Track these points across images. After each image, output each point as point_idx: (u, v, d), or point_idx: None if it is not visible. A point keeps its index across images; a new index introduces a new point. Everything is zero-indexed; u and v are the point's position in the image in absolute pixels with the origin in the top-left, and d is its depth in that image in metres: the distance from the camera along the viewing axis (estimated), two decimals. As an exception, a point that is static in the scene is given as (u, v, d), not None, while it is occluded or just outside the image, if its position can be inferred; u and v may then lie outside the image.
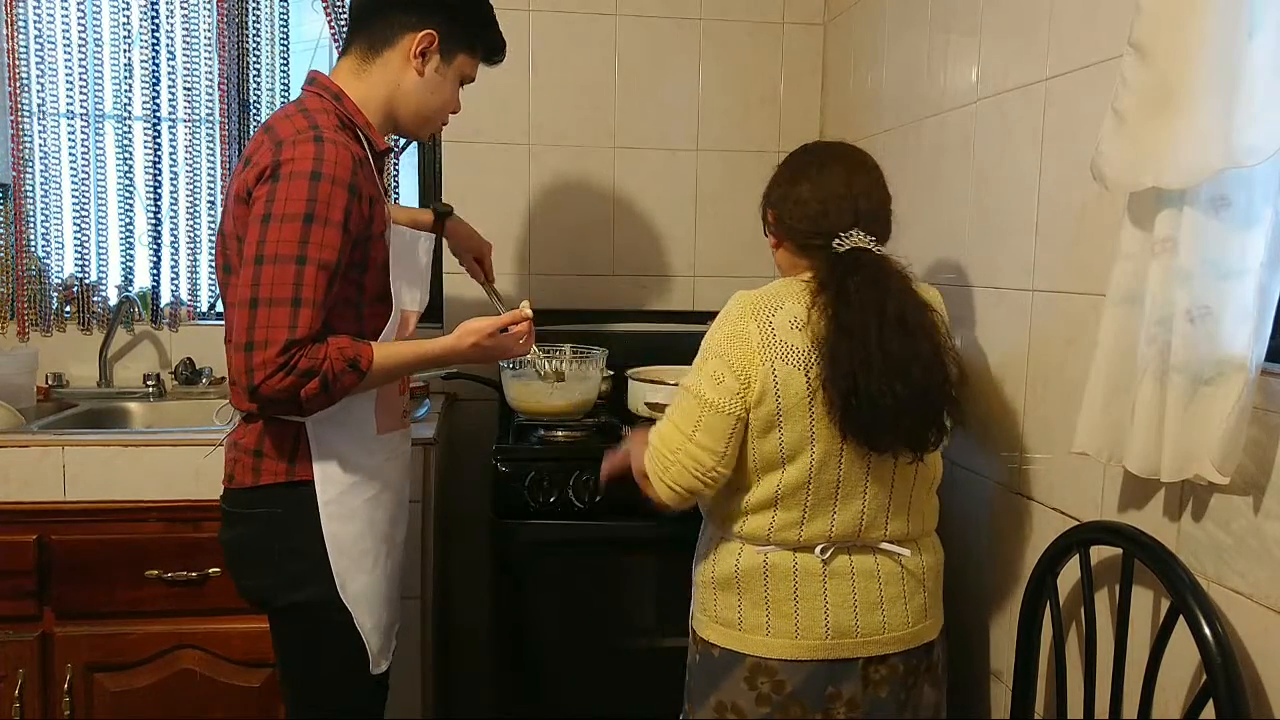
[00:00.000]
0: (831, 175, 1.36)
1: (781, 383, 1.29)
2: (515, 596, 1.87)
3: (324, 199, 1.29)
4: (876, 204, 1.37)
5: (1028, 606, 1.38)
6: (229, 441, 1.47)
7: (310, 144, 1.31)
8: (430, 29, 1.44)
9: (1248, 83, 0.96)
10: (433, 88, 1.48)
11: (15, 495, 1.77)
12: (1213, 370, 1.03)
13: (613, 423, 2.09)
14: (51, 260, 2.33)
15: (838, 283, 1.29)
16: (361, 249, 1.38)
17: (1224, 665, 1.02)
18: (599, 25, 2.41)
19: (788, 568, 1.35)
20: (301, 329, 1.27)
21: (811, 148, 1.45)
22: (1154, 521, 1.21)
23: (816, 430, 1.30)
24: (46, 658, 1.81)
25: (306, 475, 1.40)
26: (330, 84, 1.44)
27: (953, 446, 1.75)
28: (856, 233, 1.33)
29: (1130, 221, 1.14)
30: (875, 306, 1.26)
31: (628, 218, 2.48)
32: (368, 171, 1.39)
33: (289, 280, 1.27)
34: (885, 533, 1.37)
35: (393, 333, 1.45)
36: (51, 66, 2.27)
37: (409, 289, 1.50)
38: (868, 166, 1.40)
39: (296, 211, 1.28)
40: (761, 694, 1.35)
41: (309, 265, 1.28)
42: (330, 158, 1.31)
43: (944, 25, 1.81)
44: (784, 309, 1.32)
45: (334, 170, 1.30)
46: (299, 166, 1.29)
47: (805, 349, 1.29)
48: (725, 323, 1.34)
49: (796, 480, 1.32)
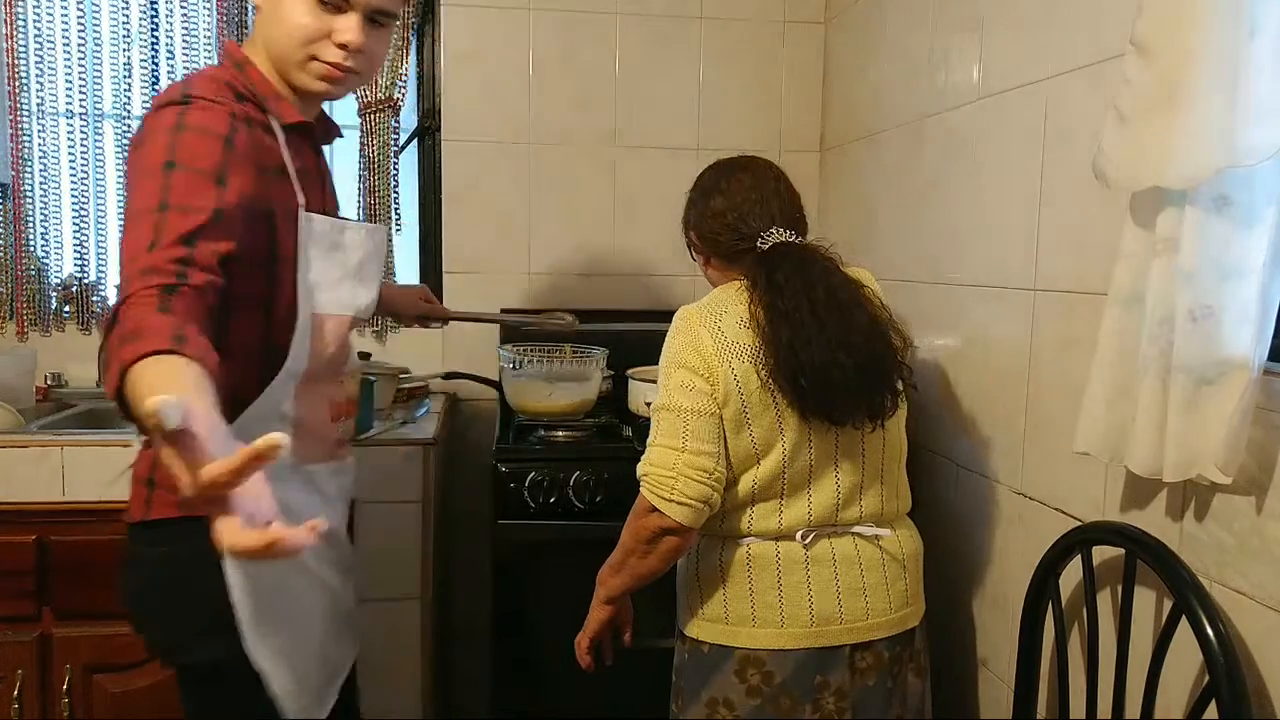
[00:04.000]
0: (739, 184, 1.43)
1: (741, 380, 1.32)
2: (515, 596, 1.87)
3: (186, 146, 1.10)
4: (788, 203, 1.43)
5: (1030, 607, 1.38)
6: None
7: (169, 106, 1.13)
8: None
9: (1250, 82, 0.96)
10: (269, 13, 1.24)
11: (14, 495, 1.77)
12: (1215, 370, 1.03)
13: (613, 423, 2.09)
14: (51, 260, 2.33)
15: (767, 276, 1.34)
16: (267, 233, 1.19)
17: (1226, 665, 1.02)
18: (599, 25, 2.41)
19: (770, 557, 1.36)
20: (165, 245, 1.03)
21: (716, 165, 1.51)
22: (1156, 522, 1.21)
23: (784, 421, 1.33)
24: (45, 658, 1.80)
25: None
26: (235, 51, 1.27)
27: (953, 447, 1.75)
28: (776, 230, 1.39)
29: (1132, 221, 1.13)
30: (805, 288, 1.31)
31: (628, 218, 2.47)
32: (263, 141, 1.21)
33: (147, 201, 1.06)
34: (861, 511, 1.39)
35: (305, 339, 1.24)
36: (51, 66, 2.27)
37: (333, 288, 1.28)
38: (773, 172, 1.46)
39: (152, 165, 1.08)
40: (751, 686, 1.35)
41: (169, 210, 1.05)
42: (195, 117, 1.12)
43: (945, 24, 1.80)
44: (729, 312, 1.36)
45: (200, 121, 1.12)
46: (156, 122, 1.12)
47: (754, 344, 1.32)
48: (677, 336, 1.37)
49: (771, 472, 1.34)
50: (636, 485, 1.35)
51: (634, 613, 1.50)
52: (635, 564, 1.37)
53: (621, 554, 1.38)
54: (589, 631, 1.46)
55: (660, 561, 1.35)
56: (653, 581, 1.39)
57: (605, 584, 1.43)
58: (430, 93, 2.40)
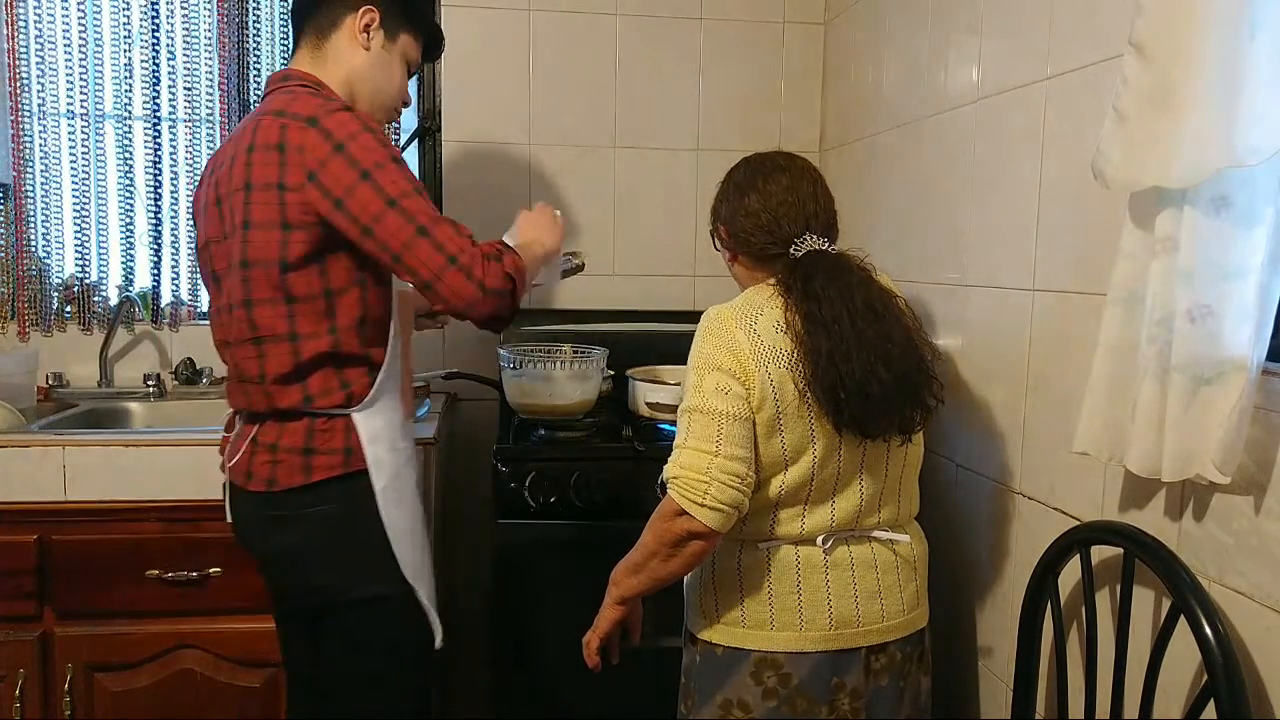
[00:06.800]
0: (777, 184, 1.40)
1: (777, 386, 1.30)
2: (515, 596, 1.87)
3: (388, 144, 1.36)
4: (824, 208, 1.41)
5: (1029, 606, 1.38)
6: (252, 443, 1.43)
7: (340, 112, 1.35)
8: (370, 5, 1.49)
9: (1249, 82, 0.96)
10: (382, 65, 1.52)
11: (15, 495, 1.77)
12: (1214, 370, 1.03)
13: (613, 423, 2.09)
14: (52, 260, 2.33)
15: (803, 283, 1.31)
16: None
17: (1225, 665, 1.02)
18: (599, 25, 2.41)
19: (790, 561, 1.36)
20: (465, 232, 1.35)
21: (752, 160, 1.47)
22: (1155, 521, 1.21)
23: (816, 429, 1.31)
24: (47, 658, 1.80)
25: (360, 465, 1.40)
26: (307, 76, 1.46)
27: (953, 447, 1.75)
28: (810, 237, 1.37)
29: (1131, 221, 1.14)
30: (844, 299, 1.29)
31: (628, 218, 2.48)
32: None
33: (425, 206, 1.34)
34: (879, 519, 1.39)
35: (397, 311, 1.46)
36: (52, 66, 2.27)
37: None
38: (811, 174, 1.43)
39: (382, 157, 1.32)
40: (768, 688, 1.35)
41: (425, 195, 1.35)
42: (365, 118, 1.36)
43: (944, 25, 1.81)
44: (764, 315, 1.33)
45: (372, 124, 1.36)
46: (351, 128, 1.33)
47: (791, 351, 1.30)
48: (710, 336, 1.34)
49: (799, 479, 1.33)
50: (637, 485, 1.35)
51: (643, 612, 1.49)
52: (657, 567, 1.33)
53: (643, 555, 1.35)
54: (599, 631, 1.43)
55: (683, 566, 1.33)
56: (669, 585, 1.38)
57: (620, 584, 1.40)
58: (430, 93, 2.41)
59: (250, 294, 1.37)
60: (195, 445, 1.81)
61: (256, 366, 1.39)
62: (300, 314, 1.36)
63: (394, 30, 1.52)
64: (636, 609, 1.47)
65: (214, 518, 1.60)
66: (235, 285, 1.39)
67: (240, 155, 1.37)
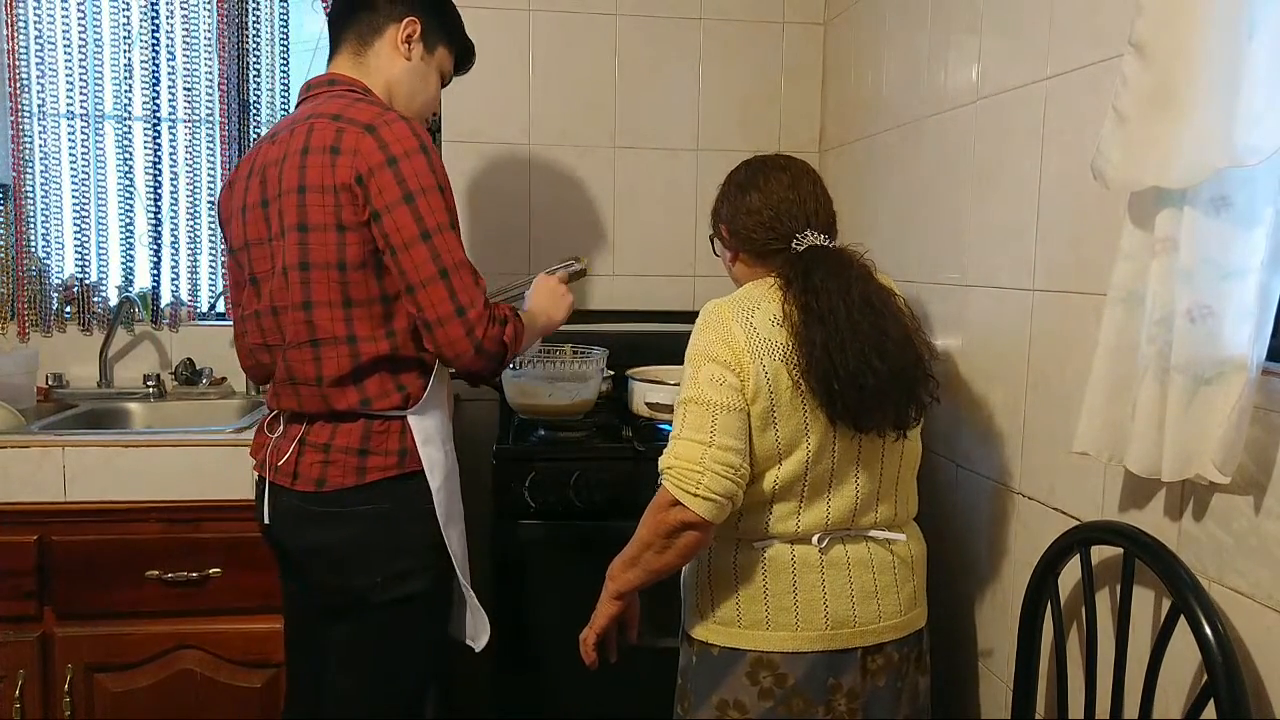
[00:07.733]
0: (777, 183, 1.41)
1: (772, 378, 1.30)
2: (515, 596, 1.87)
3: (438, 168, 1.39)
4: (824, 206, 1.43)
5: (1028, 606, 1.38)
6: (299, 443, 1.44)
7: (399, 123, 1.38)
8: (413, 16, 1.52)
9: (1248, 82, 0.96)
10: (420, 74, 1.56)
11: (15, 495, 1.77)
12: (1213, 370, 1.03)
13: (612, 423, 2.09)
14: (52, 260, 2.33)
15: (803, 277, 1.33)
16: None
17: (1225, 665, 1.02)
18: (599, 25, 2.41)
19: (785, 560, 1.36)
20: (481, 284, 1.39)
21: (752, 162, 1.49)
22: (1155, 521, 1.21)
23: (810, 423, 1.32)
24: (47, 658, 1.81)
25: (414, 466, 1.43)
26: (355, 81, 1.49)
27: (953, 447, 1.75)
28: (810, 233, 1.38)
29: (1131, 221, 1.13)
30: (841, 291, 1.30)
31: (628, 218, 2.48)
32: None
33: (455, 245, 1.38)
34: (875, 518, 1.39)
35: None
36: (52, 67, 2.27)
37: None
38: (810, 175, 1.45)
39: (430, 184, 1.36)
40: (764, 688, 1.35)
41: (457, 229, 1.40)
42: (420, 131, 1.39)
43: (944, 25, 1.80)
44: (761, 308, 1.34)
45: (428, 141, 1.39)
46: (409, 144, 1.36)
47: (786, 343, 1.31)
48: (707, 329, 1.35)
49: (793, 474, 1.33)
50: (637, 485, 1.35)
51: (641, 610, 1.49)
52: (651, 559, 1.34)
53: (637, 548, 1.36)
54: (595, 627, 1.44)
55: (677, 557, 1.33)
56: (665, 578, 1.38)
57: (616, 579, 1.41)
58: (430, 93, 2.41)
59: (310, 296, 1.38)
60: (195, 445, 1.81)
61: (314, 369, 1.40)
62: (358, 318, 1.38)
63: (432, 43, 1.57)
64: (634, 606, 1.47)
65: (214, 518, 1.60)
66: (286, 287, 1.40)
67: (293, 157, 1.38)
